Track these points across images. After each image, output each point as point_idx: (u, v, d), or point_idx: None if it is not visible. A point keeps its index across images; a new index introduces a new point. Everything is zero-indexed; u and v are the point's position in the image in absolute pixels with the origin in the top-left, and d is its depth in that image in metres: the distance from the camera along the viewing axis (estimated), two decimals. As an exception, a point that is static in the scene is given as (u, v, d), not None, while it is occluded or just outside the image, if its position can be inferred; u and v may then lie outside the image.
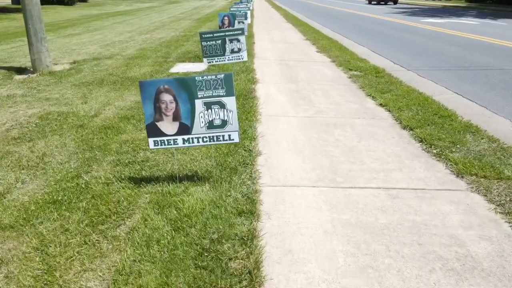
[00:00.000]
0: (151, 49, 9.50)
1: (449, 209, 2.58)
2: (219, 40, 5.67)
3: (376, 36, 12.43)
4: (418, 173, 3.07)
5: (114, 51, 9.43)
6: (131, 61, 8.00)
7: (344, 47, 9.84)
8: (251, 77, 6.20)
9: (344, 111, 4.64)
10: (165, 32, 13.83)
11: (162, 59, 8.10)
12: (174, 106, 2.67)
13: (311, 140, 3.73)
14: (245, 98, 4.95)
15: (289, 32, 13.26)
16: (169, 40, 11.16)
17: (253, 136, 3.69)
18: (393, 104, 4.80)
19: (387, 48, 9.91)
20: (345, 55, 8.50)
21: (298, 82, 6.11)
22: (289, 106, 4.85)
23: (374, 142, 3.70)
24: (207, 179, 2.92)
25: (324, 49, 9.32)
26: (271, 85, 5.89)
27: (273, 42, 10.61)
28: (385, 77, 6.37)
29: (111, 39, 12.13)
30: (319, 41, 10.80)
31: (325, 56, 8.46)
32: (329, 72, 6.89)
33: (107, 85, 6.06)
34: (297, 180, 2.94)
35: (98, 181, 3.00)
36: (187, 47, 9.70)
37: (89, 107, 4.90)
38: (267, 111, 4.59)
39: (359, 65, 7.27)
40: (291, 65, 7.43)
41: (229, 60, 5.80)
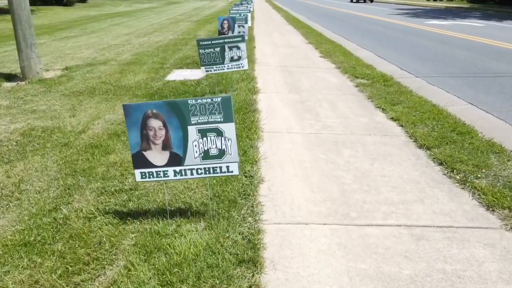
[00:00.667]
0: (147, 54, 9.13)
1: (484, 254, 2.21)
2: (218, 48, 5.30)
3: (380, 39, 12.06)
4: (442, 205, 2.71)
5: (109, 56, 9.07)
6: (126, 67, 7.63)
7: (348, 51, 9.47)
8: (252, 86, 5.83)
9: (353, 126, 4.28)
10: (163, 35, 13.46)
11: (159, 65, 7.74)
12: (163, 134, 2.30)
13: (319, 163, 3.36)
14: (245, 112, 4.59)
15: (290, 35, 12.89)
16: (166, 44, 10.80)
17: (255, 159, 3.32)
18: (406, 118, 4.43)
19: (392, 52, 9.55)
20: (350, 60, 8.13)
21: (302, 91, 5.75)
22: (294, 120, 4.48)
23: (388, 165, 3.33)
24: (203, 215, 2.55)
25: (327, 54, 8.95)
26: (274, 95, 5.52)
27: (275, 46, 10.24)
28: (394, 85, 6.00)
29: (107, 43, 11.77)
30: (322, 44, 10.43)
31: (329, 62, 8.09)
32: (334, 80, 6.52)
33: (98, 94, 5.69)
34: (305, 215, 2.58)
35: (78, 215, 2.63)
36: (185, 51, 9.33)
37: (77, 121, 4.53)
38: (270, 127, 4.22)
39: (366, 72, 6.90)
40: (294, 72, 7.06)
41: (229, 68, 5.43)
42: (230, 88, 5.76)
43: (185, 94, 5.62)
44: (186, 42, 11.10)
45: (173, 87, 5.98)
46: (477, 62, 8.12)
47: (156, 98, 5.50)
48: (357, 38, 12.24)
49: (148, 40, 12.10)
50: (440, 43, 11.02)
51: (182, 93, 5.66)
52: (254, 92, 5.53)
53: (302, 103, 5.17)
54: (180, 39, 11.82)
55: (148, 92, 5.79)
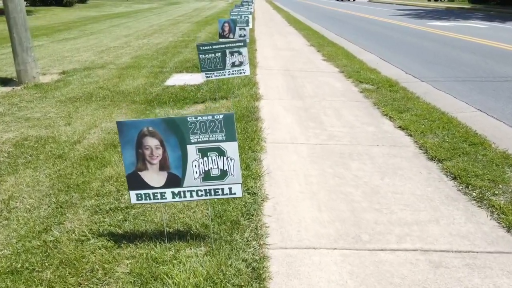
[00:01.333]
0: (147, 57, 8.96)
1: (508, 284, 2.04)
2: (219, 53, 5.12)
3: (383, 41, 11.89)
4: (459, 226, 2.53)
5: (108, 59, 8.89)
6: (124, 71, 7.46)
7: (351, 54, 9.30)
8: (253, 92, 5.65)
9: (360, 136, 4.10)
10: (163, 36, 13.29)
11: (158, 69, 7.56)
12: (161, 153, 2.13)
13: (326, 177, 3.19)
14: (247, 120, 4.41)
15: (292, 37, 12.72)
16: (166, 46, 10.62)
17: (258, 173, 3.15)
18: (414, 127, 4.25)
19: (396, 55, 9.37)
20: (354, 64, 7.96)
21: (305, 97, 5.57)
22: (298, 129, 4.30)
23: (399, 180, 3.15)
24: (203, 238, 2.37)
25: (330, 57, 8.78)
26: (276, 102, 5.35)
27: (276, 49, 10.07)
28: (400, 91, 5.83)
29: (106, 45, 11.60)
30: (324, 47, 10.26)
31: (332, 66, 7.92)
32: (338, 85, 6.34)
33: (95, 101, 5.52)
34: (313, 238, 2.40)
35: (70, 237, 2.46)
36: (185, 54, 9.16)
37: (73, 130, 4.36)
38: (273, 137, 4.04)
39: (370, 77, 6.72)
40: (296, 77, 6.88)
41: (230, 74, 5.26)
42: (231, 94, 5.58)
43: (184, 100, 5.45)
44: (186, 44, 10.93)
45: (173, 93, 5.81)
46: (484, 66, 7.94)
47: (155, 104, 5.33)
48: (359, 40, 12.07)
49: (148, 42, 11.93)
50: (443, 45, 10.84)
51: (181, 99, 5.48)
52: (256, 99, 5.35)
53: (306, 110, 4.99)
54: (180, 41, 11.65)
55: (146, 98, 5.61)
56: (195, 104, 5.32)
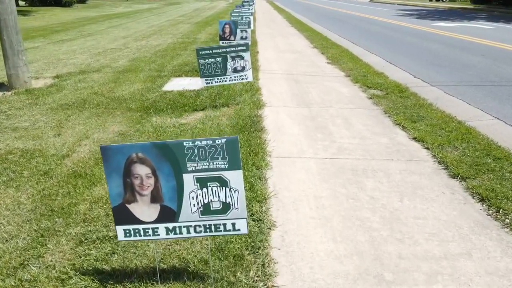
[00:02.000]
0: (145, 60, 8.64)
1: None
2: (220, 58, 4.81)
3: (388, 42, 11.57)
4: (495, 262, 2.21)
5: (104, 62, 8.58)
6: (121, 75, 7.14)
7: (356, 56, 8.98)
8: (256, 98, 5.34)
9: (372, 149, 3.78)
10: (162, 38, 12.98)
11: (156, 73, 7.24)
12: (152, 183, 1.81)
13: (339, 199, 2.87)
14: (250, 131, 4.09)
15: (294, 38, 12.41)
16: (165, 49, 10.31)
17: (264, 195, 2.83)
18: (431, 139, 3.94)
19: (402, 57, 9.05)
20: (360, 67, 7.64)
21: (311, 104, 5.25)
22: (305, 141, 3.98)
23: (420, 202, 2.84)
24: (202, 278, 2.06)
25: (335, 60, 8.46)
26: (281, 110, 5.03)
27: (279, 51, 9.75)
28: (411, 97, 5.51)
29: (104, 47, 11.29)
30: (328, 49, 9.94)
31: (337, 69, 7.60)
32: (345, 90, 6.02)
33: (89, 108, 5.20)
34: (329, 277, 2.08)
35: (49, 274, 2.14)
36: (184, 57, 8.84)
37: (62, 141, 4.04)
38: (279, 150, 3.73)
39: (378, 82, 6.41)
40: (300, 81, 6.57)
41: (231, 80, 4.94)
42: (232, 101, 5.27)
43: (183, 108, 5.13)
44: (185, 46, 10.61)
45: (171, 99, 5.49)
46: (495, 69, 7.62)
47: (152, 112, 5.01)
48: (363, 41, 11.76)
49: (146, 44, 11.62)
50: (451, 47, 10.52)
51: (180, 106, 5.17)
52: (259, 106, 5.03)
53: (313, 119, 4.68)
54: (179, 43, 11.33)
55: (143, 105, 5.30)
56: (194, 112, 5.00)
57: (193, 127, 4.34)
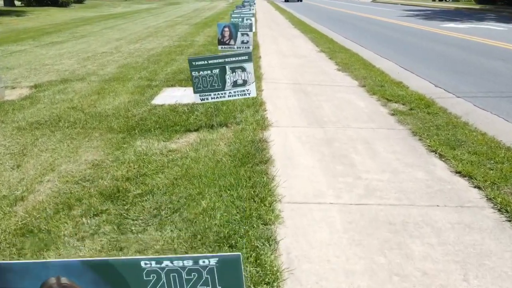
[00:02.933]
0: (135, 66, 7.85)
1: None
2: (217, 69, 4.01)
3: (398, 46, 10.79)
4: None
5: (91, 68, 7.79)
6: (107, 85, 6.35)
7: (367, 62, 8.19)
8: (260, 116, 4.54)
9: (409, 189, 2.99)
10: (158, 40, 12.19)
11: (146, 82, 6.45)
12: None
13: (380, 277, 2.08)
14: (254, 164, 3.29)
15: (298, 41, 11.61)
16: (159, 53, 9.51)
17: (274, 271, 2.03)
18: (480, 174, 3.14)
19: (417, 63, 8.26)
20: (374, 75, 6.85)
21: (325, 123, 4.46)
22: (322, 177, 3.19)
23: (492, 282, 2.04)
24: None
25: (345, 66, 7.67)
26: (290, 131, 4.23)
27: (283, 56, 8.95)
28: (441, 114, 4.72)
29: (95, 50, 10.50)
30: (336, 53, 9.15)
31: (349, 77, 6.81)
32: (362, 104, 5.23)
33: (63, 128, 4.41)
34: None
35: None
36: (179, 63, 8.04)
37: (20, 176, 3.25)
38: (291, 192, 2.93)
39: (398, 93, 5.62)
40: (309, 93, 5.77)
41: (231, 96, 4.15)
42: (232, 119, 4.47)
43: (174, 127, 4.34)
44: (181, 50, 9.81)
45: (160, 116, 4.71)
46: (525, 77, 6.84)
47: (137, 133, 4.23)
48: (372, 44, 10.97)
49: (140, 47, 10.83)
50: (467, 50, 9.72)
51: (170, 126, 4.38)
52: (263, 127, 4.24)
53: (329, 143, 3.88)
54: (175, 47, 10.54)
55: (127, 123, 4.51)
56: (187, 133, 4.21)
57: (184, 156, 3.55)
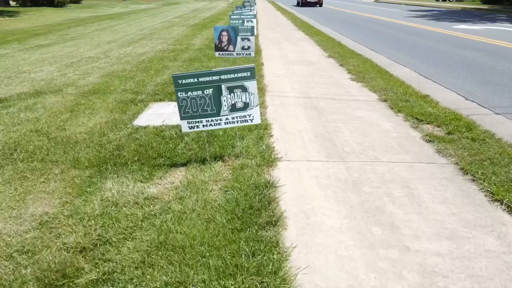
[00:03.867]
0: (121, 75, 6.93)
1: None
2: (210, 89, 3.10)
3: (412, 49, 9.87)
4: None
5: (71, 78, 6.87)
6: (84, 99, 5.44)
7: (382, 69, 7.28)
8: (265, 146, 3.61)
9: (483, 270, 2.07)
10: (151, 43, 11.27)
11: (131, 96, 5.53)
12: None
13: None
14: (260, 227, 2.37)
15: (304, 44, 10.68)
16: (151, 59, 8.59)
17: None
18: None
19: (438, 69, 7.35)
20: (394, 85, 5.94)
21: (347, 155, 3.54)
22: (356, 251, 2.27)
23: None
24: None
25: (359, 74, 6.76)
26: (304, 168, 3.30)
27: (288, 62, 8.03)
28: (488, 140, 3.80)
29: (81, 55, 9.59)
30: (346, 59, 8.23)
31: (366, 89, 5.89)
32: (387, 126, 4.31)
33: (17, 160, 3.49)
34: None
35: None
36: (171, 71, 7.13)
37: None
38: (315, 279, 2.01)
39: (427, 110, 4.70)
40: (323, 110, 4.85)
41: (229, 123, 3.23)
42: (230, 150, 3.55)
43: (157, 160, 3.43)
44: (175, 56, 8.89)
45: (142, 143, 3.79)
46: None
47: (109, 168, 3.32)
48: (383, 48, 10.05)
49: (131, 51, 9.91)
50: (490, 55, 8.80)
51: (153, 158, 3.47)
52: (270, 162, 3.31)
53: (356, 188, 2.96)
54: (169, 51, 9.61)
55: (99, 154, 3.59)
56: (172, 169, 3.29)
57: (165, 209, 2.64)
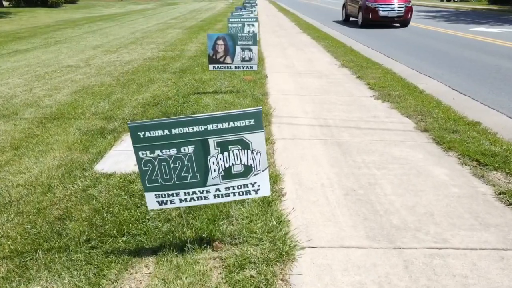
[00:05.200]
0: (97, 92, 5.75)
1: None
2: (190, 146, 1.93)
3: (433, 56, 8.72)
4: None
5: (36, 94, 5.70)
6: (40, 128, 4.26)
7: (409, 83, 6.13)
8: (276, 220, 2.42)
9: None
10: (141, 49, 10.10)
11: (101, 123, 4.36)
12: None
13: None
14: None
15: (312, 51, 9.50)
16: (136, 69, 7.42)
17: None
18: None
19: (474, 83, 6.19)
20: (429, 106, 4.82)
21: (398, 234, 2.35)
22: None
23: None
24: None
25: (383, 91, 5.59)
26: (337, 264, 2.11)
27: (296, 73, 6.86)
28: None
29: (60, 63, 8.43)
30: (363, 69, 7.06)
31: (397, 112, 4.71)
32: (442, 175, 3.12)
33: None
34: None
35: None
36: (157, 86, 5.95)
37: None
38: None
39: (489, 148, 3.53)
40: (349, 147, 3.67)
41: (220, 196, 2.06)
42: (222, 228, 2.38)
43: (115, 240, 2.27)
44: (165, 65, 7.71)
45: (99, 207, 2.63)
46: None
47: (39, 258, 2.15)
48: (400, 55, 8.89)
49: (116, 59, 8.74)
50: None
51: (111, 237, 2.31)
52: (285, 255, 2.13)
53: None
54: (158, 59, 8.44)
55: (31, 231, 2.42)
56: (135, 260, 2.13)
57: None
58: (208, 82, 6.03)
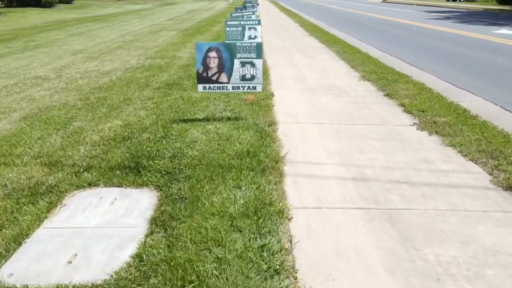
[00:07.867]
0: (54, 117, 4.43)
1: None
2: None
3: (463, 64, 7.48)
4: None
5: (-24, 121, 4.40)
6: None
7: (453, 104, 4.82)
8: None
9: None
10: (126, 55, 8.79)
11: (40, 173, 3.04)
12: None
13: None
14: None
15: (323, 57, 8.18)
16: (113, 83, 6.10)
17: None
18: None
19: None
20: (494, 140, 3.53)
21: None
22: None
23: None
24: None
25: (424, 116, 4.30)
26: None
27: (309, 89, 5.55)
28: None
29: (27, 73, 7.16)
30: (390, 84, 5.76)
31: (455, 152, 3.40)
32: None
33: None
34: None
35: None
36: (132, 109, 4.63)
37: None
38: None
39: None
40: (407, 228, 2.36)
41: None
42: None
43: None
44: (149, 77, 6.39)
45: None
46: None
47: None
48: (424, 62, 7.67)
49: (94, 68, 7.43)
50: None
51: None
52: None
53: None
54: (144, 69, 7.12)
55: None
56: None
57: None
58: (198, 103, 4.73)
